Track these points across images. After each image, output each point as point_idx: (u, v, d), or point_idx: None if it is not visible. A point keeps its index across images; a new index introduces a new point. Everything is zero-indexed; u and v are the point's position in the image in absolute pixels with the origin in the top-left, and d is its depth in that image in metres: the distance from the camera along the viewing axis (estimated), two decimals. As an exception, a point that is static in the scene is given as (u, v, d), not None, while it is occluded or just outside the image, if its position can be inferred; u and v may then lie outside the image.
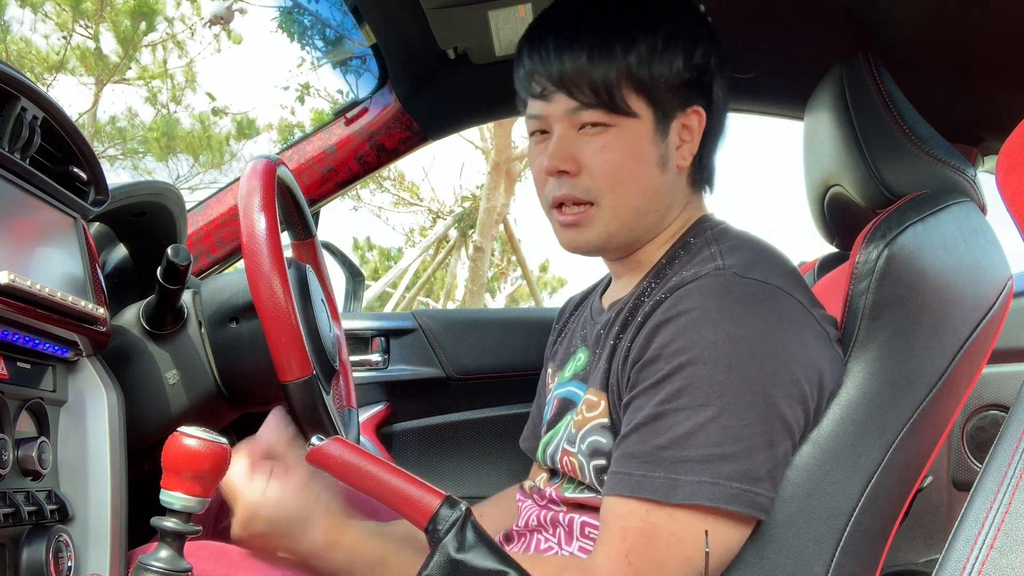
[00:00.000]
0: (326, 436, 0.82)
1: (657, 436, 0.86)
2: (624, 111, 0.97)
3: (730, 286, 0.89)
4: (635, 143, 0.98)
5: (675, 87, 0.98)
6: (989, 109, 1.30)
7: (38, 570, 0.80)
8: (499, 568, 0.76)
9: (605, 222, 0.99)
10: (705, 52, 1.00)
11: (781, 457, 0.88)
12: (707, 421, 0.85)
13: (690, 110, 1.00)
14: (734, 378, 0.85)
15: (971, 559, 0.57)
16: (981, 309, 1.00)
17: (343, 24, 1.79)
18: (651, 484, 0.85)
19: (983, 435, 1.60)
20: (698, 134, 1.01)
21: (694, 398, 0.85)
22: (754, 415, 0.85)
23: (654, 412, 0.87)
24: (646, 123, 0.98)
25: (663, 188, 1.00)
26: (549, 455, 1.05)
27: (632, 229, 1.01)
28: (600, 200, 0.98)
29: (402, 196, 9.81)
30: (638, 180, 0.98)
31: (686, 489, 0.84)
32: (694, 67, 0.99)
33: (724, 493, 0.84)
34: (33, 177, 0.90)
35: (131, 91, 10.19)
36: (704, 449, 0.84)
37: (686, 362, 0.86)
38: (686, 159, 1.01)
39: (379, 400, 1.78)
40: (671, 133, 0.99)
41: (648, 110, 0.98)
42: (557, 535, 1.01)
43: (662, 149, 0.99)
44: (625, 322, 0.97)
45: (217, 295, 1.09)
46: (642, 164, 0.98)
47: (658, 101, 0.98)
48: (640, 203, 0.99)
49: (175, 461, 0.73)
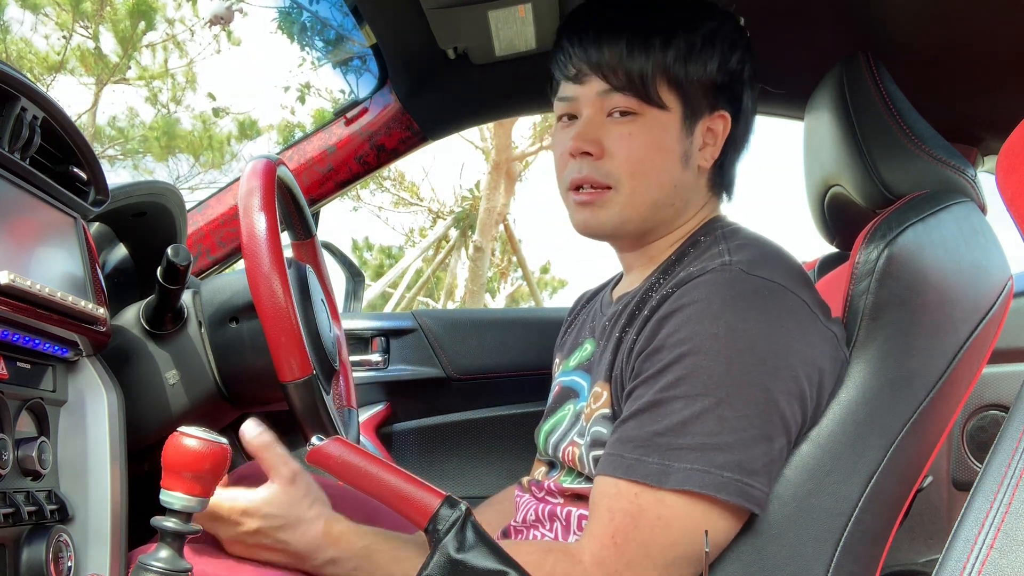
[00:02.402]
0: (326, 436, 0.82)
1: (654, 423, 0.87)
2: (655, 102, 0.98)
3: (735, 281, 0.90)
4: (661, 135, 0.99)
5: (707, 88, 1.00)
6: (989, 109, 1.30)
7: (38, 570, 0.80)
8: (499, 568, 0.76)
9: (620, 207, 1.00)
10: (740, 60, 1.02)
11: (777, 453, 0.88)
12: (704, 411, 0.85)
13: (716, 114, 1.02)
14: (733, 370, 0.86)
15: (971, 559, 0.57)
16: (981, 309, 1.00)
17: (343, 24, 1.79)
18: (644, 468, 0.86)
19: (983, 435, 1.60)
20: (722, 139, 1.03)
21: (692, 387, 0.86)
22: (752, 408, 0.86)
23: (653, 399, 0.88)
24: (674, 117, 1.00)
25: (682, 184, 1.01)
26: (552, 444, 1.06)
27: (646, 219, 1.02)
28: (619, 185, 1.00)
29: (402, 196, 9.81)
30: (659, 172, 0.99)
31: (678, 475, 0.84)
32: (728, 72, 1.01)
33: (716, 481, 0.84)
34: (33, 177, 0.89)
35: (131, 91, 10.20)
36: (699, 438, 0.85)
37: (687, 352, 0.87)
38: (708, 161, 1.03)
39: (379, 400, 1.78)
40: (696, 133, 1.01)
41: (678, 104, 1.00)
42: (554, 529, 1.01)
43: (686, 145, 1.01)
44: (632, 315, 0.97)
45: (217, 295, 1.09)
46: (665, 157, 0.99)
47: (689, 98, 1.00)
48: (658, 195, 1.00)
49: (175, 461, 0.73)
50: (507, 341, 1.80)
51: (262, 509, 0.94)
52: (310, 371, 0.95)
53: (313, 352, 1.03)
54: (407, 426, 1.79)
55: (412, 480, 0.80)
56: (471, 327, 1.83)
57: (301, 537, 0.93)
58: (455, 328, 1.82)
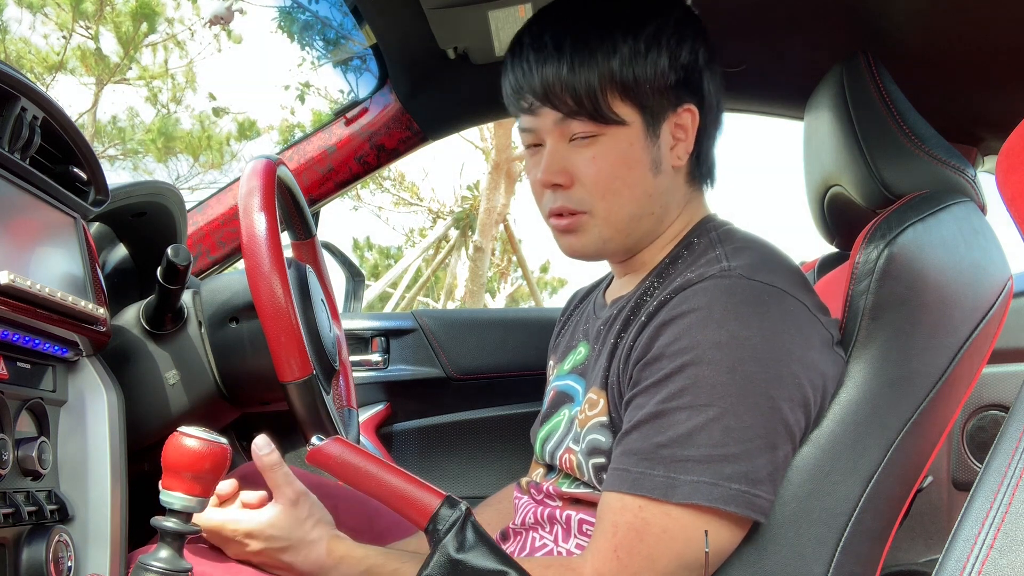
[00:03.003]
0: (326, 436, 0.82)
1: (658, 434, 0.86)
2: (612, 119, 0.95)
3: (736, 288, 0.89)
4: (625, 151, 0.96)
5: (663, 88, 0.97)
6: (989, 109, 1.30)
7: (38, 570, 0.80)
8: (499, 568, 0.76)
9: (599, 229, 0.99)
10: (692, 49, 0.98)
11: (781, 460, 0.87)
12: (709, 421, 0.84)
13: (682, 109, 0.99)
14: (737, 379, 0.85)
15: (971, 559, 0.57)
16: (981, 309, 1.00)
17: (343, 24, 1.79)
18: (650, 482, 0.85)
19: (983, 435, 1.60)
20: (692, 131, 1.00)
21: (696, 398, 0.85)
22: (756, 417, 0.85)
23: (656, 410, 0.87)
24: (635, 129, 0.96)
25: (657, 191, 0.99)
26: (548, 451, 1.05)
27: (629, 234, 1.00)
28: (593, 210, 0.98)
29: (402, 196, 9.80)
30: (631, 187, 0.97)
31: (685, 488, 0.84)
32: (681, 66, 0.97)
33: (723, 494, 0.84)
34: (33, 177, 0.89)
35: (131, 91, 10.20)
36: (705, 449, 0.84)
37: (689, 362, 0.86)
38: (681, 158, 1.00)
39: (379, 400, 1.78)
40: (663, 135, 0.98)
41: (636, 115, 0.96)
42: (554, 532, 1.01)
43: (654, 152, 0.98)
44: (627, 320, 0.97)
45: (217, 295, 1.09)
46: (634, 170, 0.97)
47: (646, 105, 0.96)
48: (633, 209, 0.98)
49: (175, 461, 0.73)
50: (507, 341, 1.80)
51: (265, 531, 0.95)
52: (310, 371, 0.95)
53: (313, 352, 1.03)
54: (407, 426, 1.79)
55: (412, 480, 0.80)
56: (471, 327, 1.83)
57: (304, 559, 0.95)
58: (455, 328, 1.82)
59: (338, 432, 0.99)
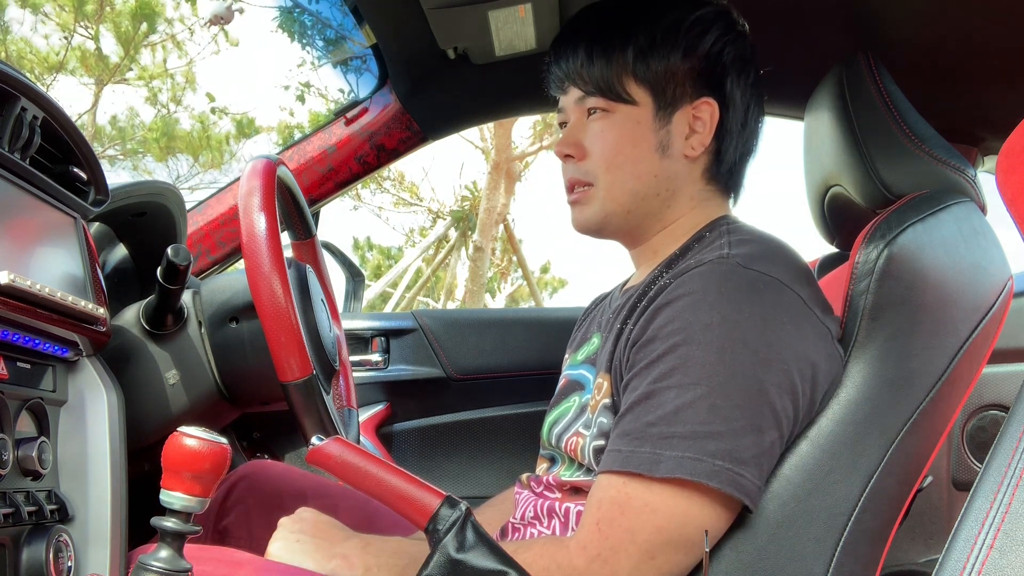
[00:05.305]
0: (326, 436, 0.82)
1: (647, 413, 0.88)
2: (623, 98, 1.03)
3: (731, 274, 0.91)
4: (632, 128, 1.03)
5: (680, 77, 1.03)
6: (989, 109, 1.30)
7: (38, 570, 0.80)
8: (499, 568, 0.76)
9: (601, 201, 1.05)
10: (715, 43, 1.03)
11: (767, 446, 0.88)
12: (695, 399, 0.86)
13: (700, 101, 1.03)
14: (726, 360, 0.86)
15: (971, 559, 0.57)
16: (981, 309, 1.00)
17: (343, 24, 1.79)
18: (636, 459, 0.86)
19: (983, 435, 1.60)
20: (710, 125, 1.04)
21: (685, 376, 0.87)
22: (743, 398, 0.86)
23: (646, 391, 0.88)
24: (645, 110, 1.03)
25: (664, 174, 1.03)
26: (556, 435, 1.06)
27: (630, 211, 1.05)
28: (597, 181, 1.05)
29: (402, 196, 9.80)
30: (634, 163, 1.03)
31: (668, 463, 0.85)
32: (700, 58, 1.03)
33: (707, 469, 0.84)
34: (33, 177, 0.90)
35: (131, 91, 10.19)
36: (691, 426, 0.85)
37: (680, 342, 0.88)
38: (696, 149, 1.04)
39: (379, 400, 1.78)
40: (676, 122, 1.03)
41: (648, 97, 1.03)
42: (552, 526, 1.01)
43: (662, 135, 1.03)
44: (633, 307, 0.98)
45: (217, 295, 1.09)
46: (638, 148, 1.03)
47: (660, 90, 1.03)
48: (635, 185, 1.03)
49: (175, 461, 0.73)
50: (507, 341, 1.80)
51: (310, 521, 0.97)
52: (310, 371, 0.95)
53: (313, 352, 1.03)
54: (407, 426, 1.79)
55: (412, 480, 0.80)
56: (471, 327, 1.83)
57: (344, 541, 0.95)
58: (455, 328, 1.82)
59: (338, 432, 0.99)
